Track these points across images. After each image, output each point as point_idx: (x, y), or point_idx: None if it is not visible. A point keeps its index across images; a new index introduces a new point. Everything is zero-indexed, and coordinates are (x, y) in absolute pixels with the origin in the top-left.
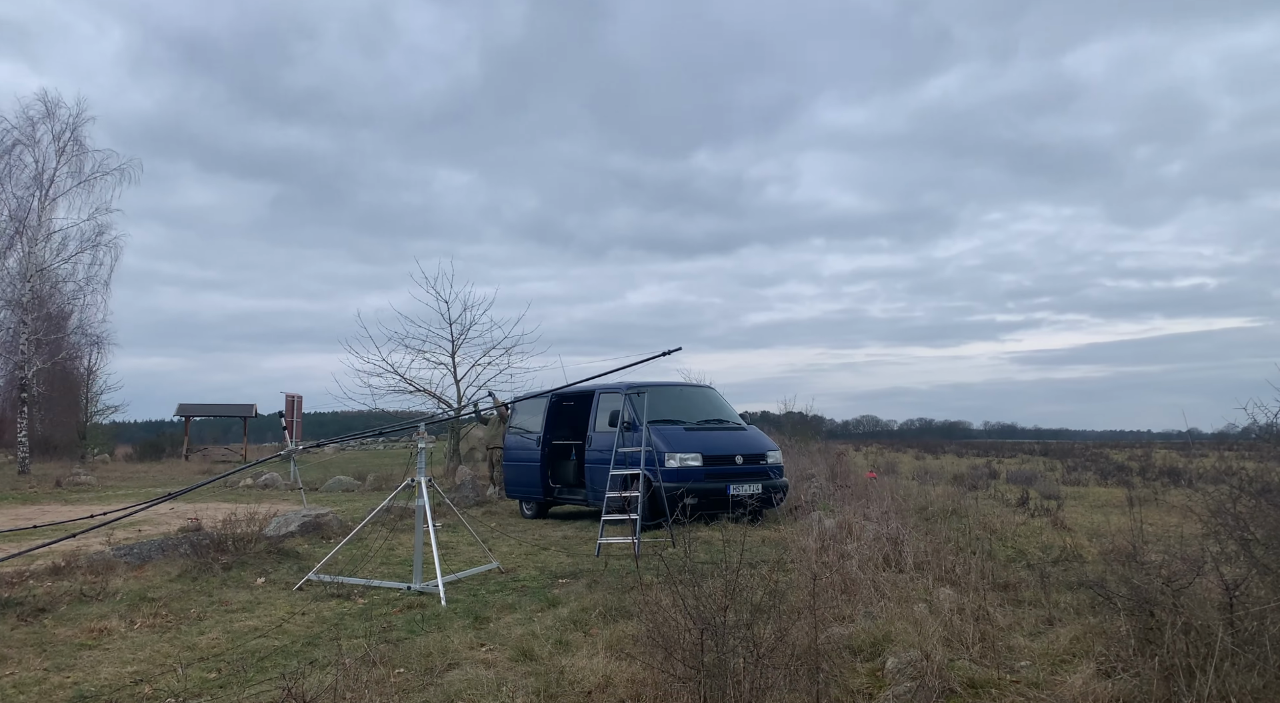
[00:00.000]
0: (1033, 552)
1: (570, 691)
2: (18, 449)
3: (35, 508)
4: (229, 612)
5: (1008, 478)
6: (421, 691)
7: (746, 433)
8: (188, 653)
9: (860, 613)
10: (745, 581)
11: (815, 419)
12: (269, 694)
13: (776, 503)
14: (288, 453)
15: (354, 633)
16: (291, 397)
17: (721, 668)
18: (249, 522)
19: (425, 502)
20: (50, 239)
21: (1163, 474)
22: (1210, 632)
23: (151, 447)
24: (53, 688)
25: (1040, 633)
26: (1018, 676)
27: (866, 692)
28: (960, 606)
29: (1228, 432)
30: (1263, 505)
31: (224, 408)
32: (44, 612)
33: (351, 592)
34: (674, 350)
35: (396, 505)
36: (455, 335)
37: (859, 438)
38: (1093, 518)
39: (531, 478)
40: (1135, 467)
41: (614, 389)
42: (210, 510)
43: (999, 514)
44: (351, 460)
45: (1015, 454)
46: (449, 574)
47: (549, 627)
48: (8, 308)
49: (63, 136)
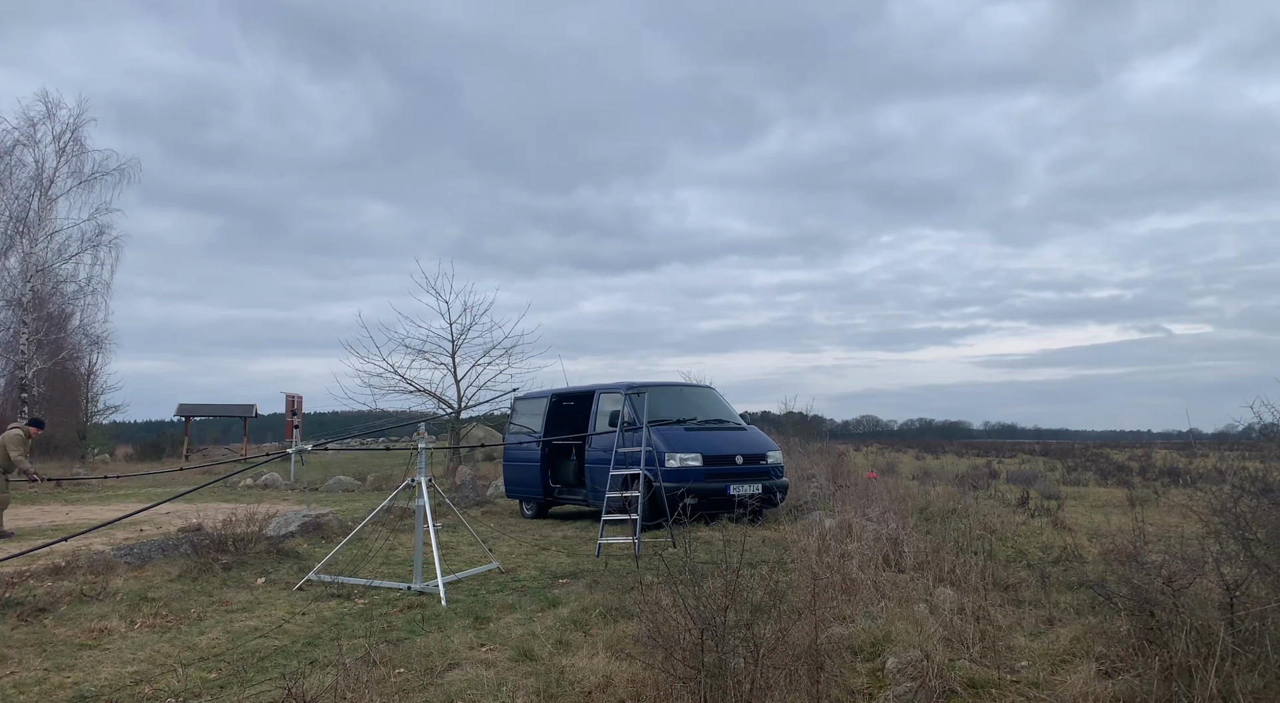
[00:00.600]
0: (1033, 552)
1: (570, 691)
2: None
3: (35, 508)
4: (229, 612)
5: (1008, 478)
6: (421, 691)
7: (746, 433)
8: (188, 653)
9: (860, 613)
10: (745, 581)
11: (815, 419)
12: (269, 694)
13: (777, 503)
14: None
15: (354, 633)
16: (292, 397)
17: (721, 668)
18: (249, 522)
19: (425, 502)
20: (51, 239)
21: (1163, 474)
22: (1211, 632)
23: (152, 447)
24: (53, 688)
25: (1040, 633)
26: (1018, 676)
27: (866, 692)
28: (960, 606)
29: (1228, 431)
30: (1264, 505)
31: (224, 408)
32: (44, 612)
33: (352, 592)
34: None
35: (396, 506)
36: (455, 336)
37: (859, 438)
38: (1093, 518)
39: (531, 478)
40: (1135, 467)
41: (614, 389)
42: (210, 511)
43: (999, 514)
44: (351, 460)
45: (1015, 454)
46: (449, 574)
47: (549, 627)
48: (8, 308)
49: (63, 137)
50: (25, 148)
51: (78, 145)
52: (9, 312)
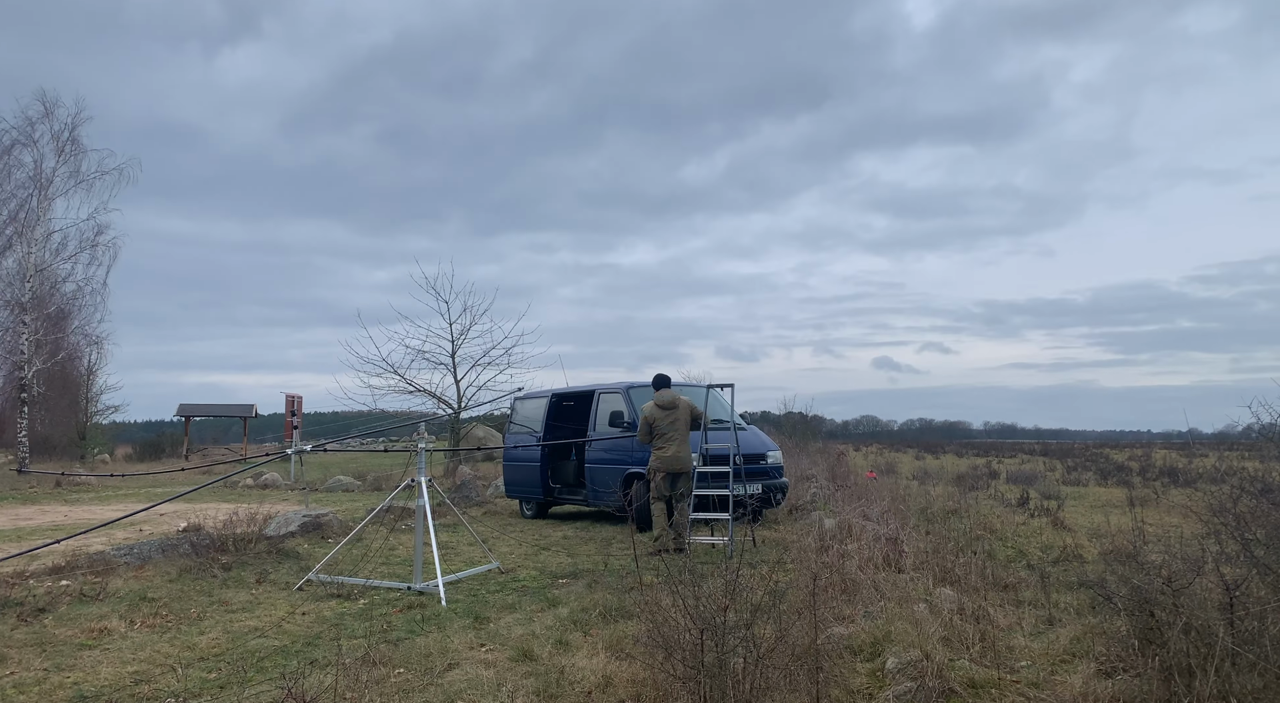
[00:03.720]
0: (1033, 552)
1: (570, 691)
2: (18, 449)
3: (35, 508)
4: (229, 612)
5: (1008, 478)
6: (421, 691)
7: (746, 433)
8: (188, 653)
9: (860, 613)
10: (745, 581)
11: (815, 419)
12: (269, 694)
13: (776, 503)
14: (295, 452)
15: (354, 633)
16: (292, 397)
17: (721, 668)
18: (249, 522)
19: (425, 502)
20: (49, 239)
21: (1163, 474)
22: (1211, 632)
23: (151, 447)
24: (53, 688)
25: (1040, 633)
26: (1018, 676)
27: (866, 692)
28: (960, 606)
29: (1228, 432)
30: (1263, 505)
31: (224, 408)
32: (44, 612)
33: (351, 592)
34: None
35: (396, 505)
36: (455, 336)
37: (859, 438)
38: (1093, 518)
39: (531, 478)
40: (1135, 467)
41: (614, 389)
42: (210, 511)
43: (999, 514)
44: (351, 460)
45: (1015, 454)
46: (449, 574)
47: (549, 627)
48: (7, 308)
49: (61, 136)
50: (23, 147)
51: (76, 145)
52: (8, 312)
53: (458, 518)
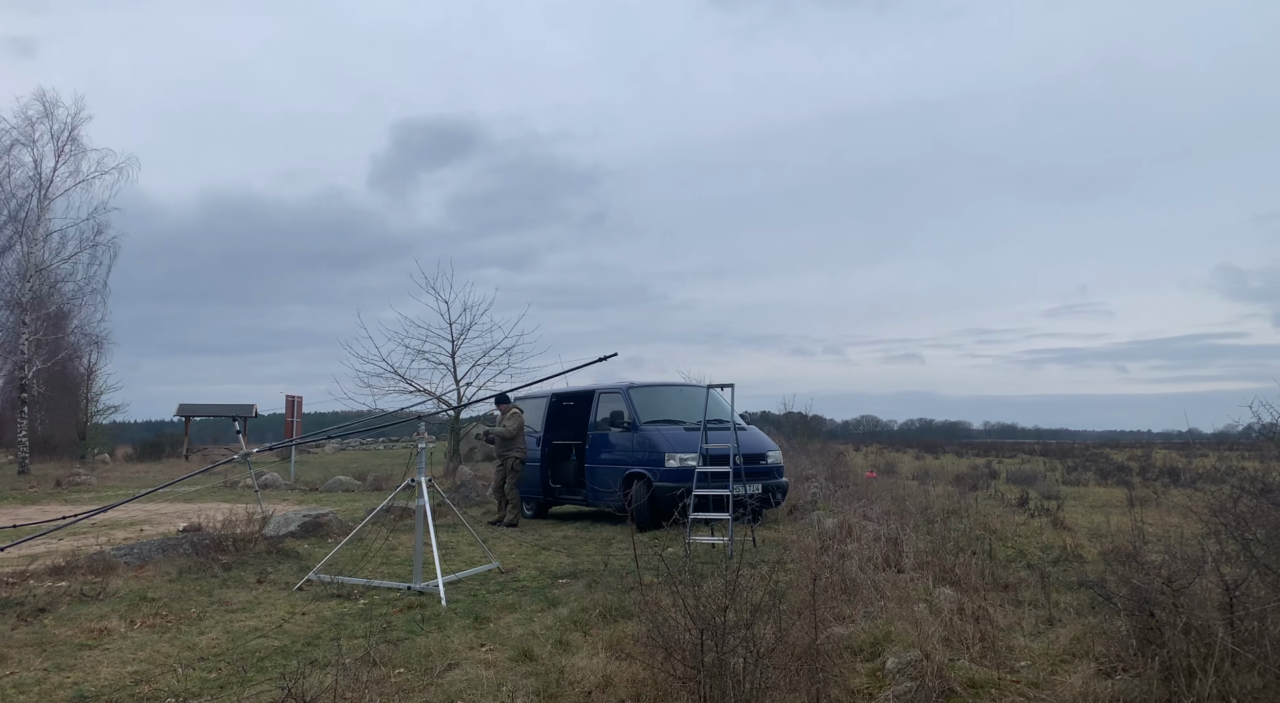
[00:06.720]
0: (1033, 552)
1: (570, 691)
2: (18, 449)
3: (35, 508)
4: (229, 612)
5: (1008, 478)
6: (421, 691)
7: (746, 433)
8: (188, 653)
9: (860, 613)
10: (745, 581)
11: (815, 419)
12: (269, 694)
13: (776, 503)
14: (242, 457)
15: (354, 633)
16: (291, 397)
17: (721, 668)
18: (249, 522)
19: (425, 502)
20: (49, 239)
21: (1163, 474)
22: (1210, 632)
23: (151, 447)
24: (53, 688)
25: (1040, 633)
26: (1018, 676)
27: (866, 692)
28: (960, 606)
29: (1228, 432)
30: (1263, 505)
31: (224, 408)
32: (44, 612)
33: (351, 592)
34: (610, 356)
35: (396, 505)
36: (455, 336)
37: (859, 438)
38: (1093, 518)
39: (531, 478)
40: (1135, 467)
41: (614, 389)
42: (210, 511)
43: (999, 514)
44: (352, 461)
45: (1015, 454)
46: (449, 574)
47: (549, 627)
48: (7, 308)
49: (61, 136)
50: (23, 147)
51: (76, 144)
52: (8, 312)
53: (458, 518)
